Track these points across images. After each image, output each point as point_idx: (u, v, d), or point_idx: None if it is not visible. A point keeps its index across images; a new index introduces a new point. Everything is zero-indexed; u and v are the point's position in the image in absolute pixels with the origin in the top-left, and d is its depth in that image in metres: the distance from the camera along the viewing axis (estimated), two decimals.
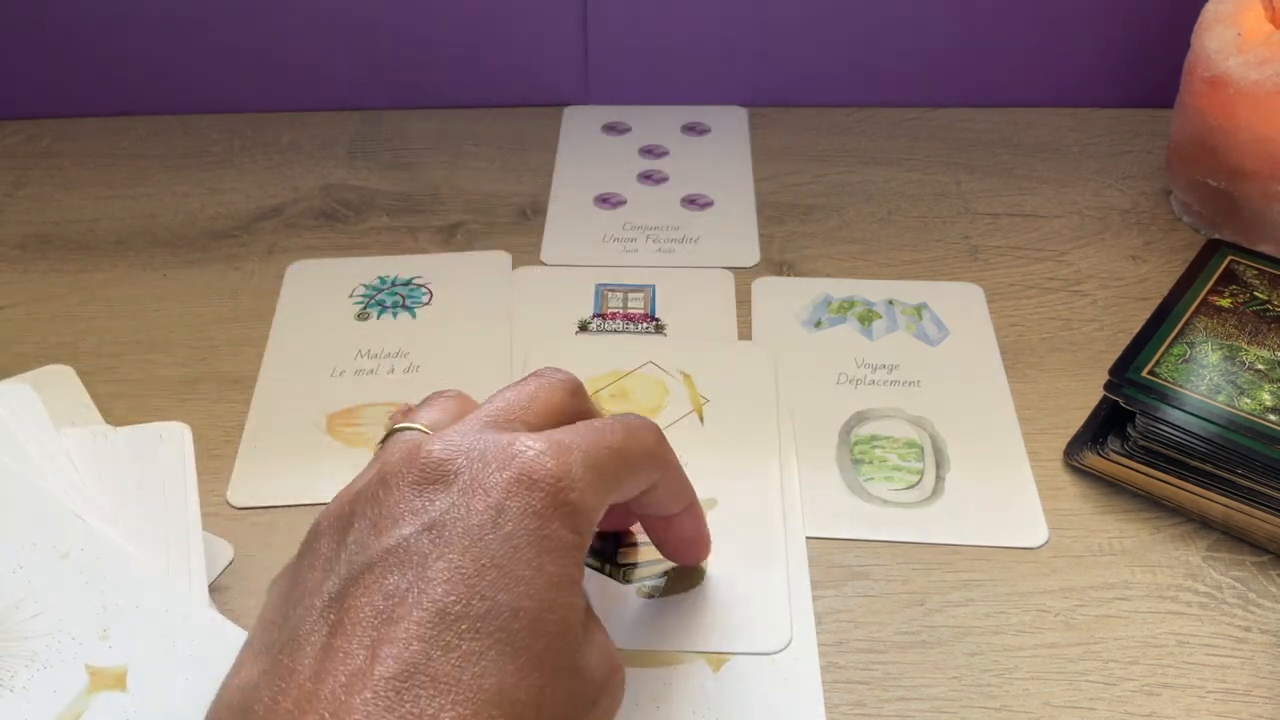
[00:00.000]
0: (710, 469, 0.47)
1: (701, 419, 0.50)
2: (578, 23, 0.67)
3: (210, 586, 0.42)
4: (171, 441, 0.45)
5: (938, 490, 0.47)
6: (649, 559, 0.44)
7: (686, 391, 0.51)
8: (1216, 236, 0.58)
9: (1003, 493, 0.47)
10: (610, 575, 0.43)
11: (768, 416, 0.50)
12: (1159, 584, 0.43)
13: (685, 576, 0.43)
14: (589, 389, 0.50)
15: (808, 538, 0.45)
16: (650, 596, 0.43)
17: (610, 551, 0.44)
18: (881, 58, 0.68)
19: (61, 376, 0.51)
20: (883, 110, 0.70)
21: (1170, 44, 0.60)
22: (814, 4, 0.66)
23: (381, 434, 0.49)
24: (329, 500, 0.38)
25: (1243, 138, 0.54)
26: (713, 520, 0.45)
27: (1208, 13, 0.57)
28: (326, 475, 0.47)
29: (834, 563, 0.44)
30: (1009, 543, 0.45)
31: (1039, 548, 0.45)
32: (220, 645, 0.39)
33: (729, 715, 0.39)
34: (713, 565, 0.44)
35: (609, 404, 0.50)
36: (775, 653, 0.41)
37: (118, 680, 0.38)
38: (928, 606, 0.43)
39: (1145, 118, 0.69)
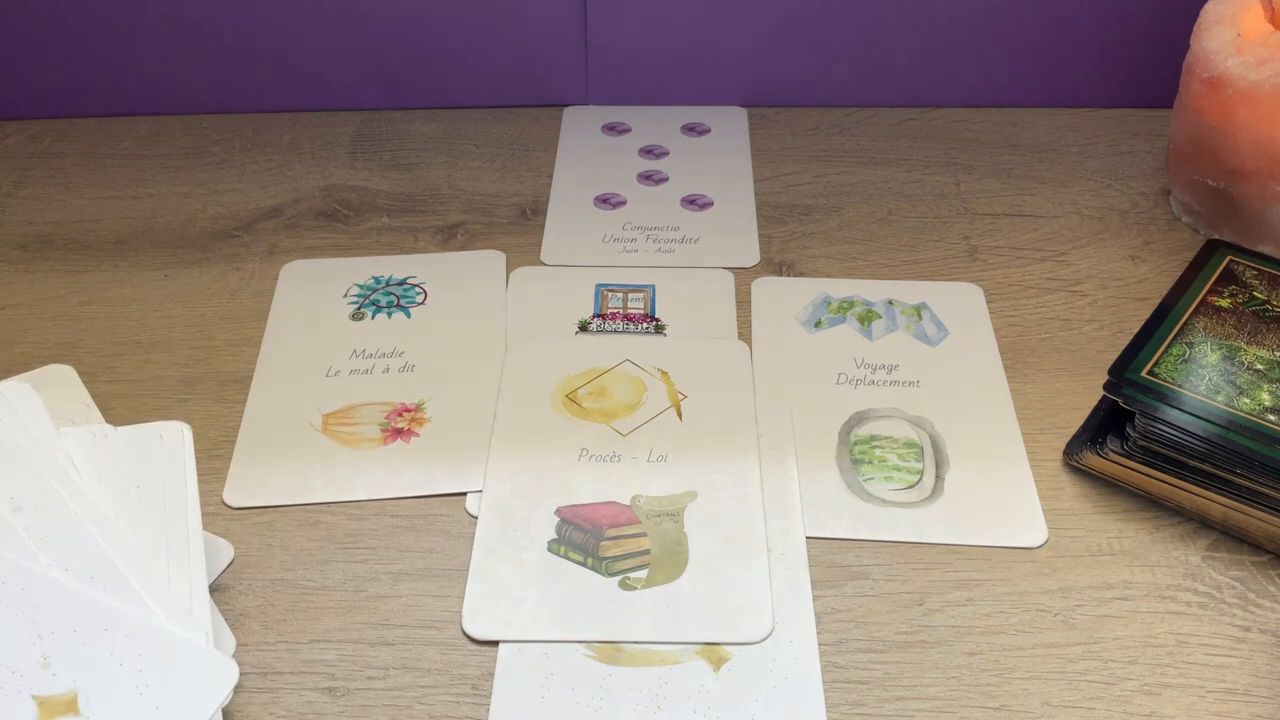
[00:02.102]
0: (690, 463, 0.48)
1: (680, 415, 0.50)
2: (578, 23, 0.67)
3: (211, 586, 0.42)
4: (172, 441, 0.45)
5: (937, 490, 0.47)
6: (630, 551, 0.44)
7: (664, 388, 0.51)
8: (1216, 237, 0.58)
9: (1002, 493, 0.47)
10: (593, 569, 0.44)
11: (745, 410, 0.50)
12: (1158, 584, 0.43)
13: (667, 568, 0.43)
14: (568, 387, 0.51)
15: (808, 538, 0.45)
16: (633, 589, 0.43)
17: (592, 545, 0.44)
18: (881, 58, 0.68)
19: (62, 376, 0.51)
20: (883, 110, 0.70)
21: (1170, 44, 0.60)
22: (813, 4, 0.66)
23: (376, 434, 0.49)
24: (325, 500, 0.38)
25: (1241, 138, 0.54)
26: (693, 513, 0.46)
27: (1207, 13, 0.57)
28: (321, 475, 0.47)
29: (834, 563, 0.44)
30: (1008, 542, 0.45)
31: (1038, 548, 0.45)
32: (170, 652, 0.38)
33: (729, 715, 0.39)
34: (694, 557, 0.44)
35: (588, 401, 0.51)
36: (757, 642, 0.41)
37: (69, 706, 0.38)
38: (927, 606, 0.43)
39: (1145, 118, 0.69)
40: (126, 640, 0.39)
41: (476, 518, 0.46)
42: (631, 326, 0.55)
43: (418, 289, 0.57)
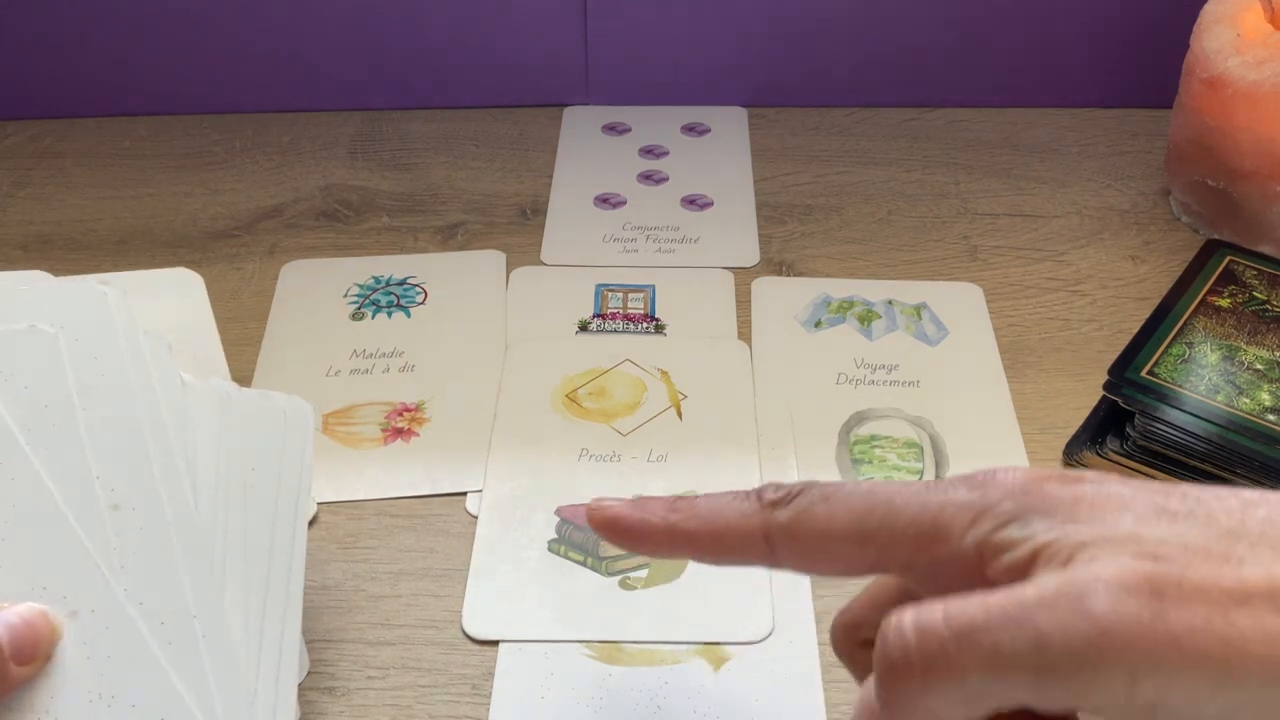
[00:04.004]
0: (690, 463, 0.48)
1: (680, 415, 0.50)
2: (578, 23, 0.67)
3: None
4: (295, 421, 0.39)
5: None
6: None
7: (664, 388, 0.51)
8: (1215, 237, 0.58)
9: None
10: (593, 569, 0.44)
11: (745, 410, 0.50)
12: None
13: (668, 568, 0.43)
14: (568, 387, 0.51)
15: None
16: (632, 588, 0.43)
17: (592, 545, 0.44)
18: (881, 58, 0.68)
19: (186, 284, 0.44)
20: (883, 110, 0.70)
21: (1170, 44, 0.60)
22: (814, 5, 0.66)
23: (376, 434, 0.49)
24: (325, 500, 0.37)
25: (1241, 138, 0.54)
26: None
27: (1207, 13, 0.57)
28: (322, 475, 0.47)
29: None
30: None
31: None
32: None
33: (729, 715, 0.39)
34: None
35: (588, 401, 0.51)
36: (758, 642, 0.41)
37: None
38: None
39: (1145, 118, 0.69)
40: None
41: (476, 518, 0.46)
42: (631, 326, 0.55)
43: (418, 289, 0.57)
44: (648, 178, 0.65)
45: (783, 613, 0.42)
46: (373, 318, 0.55)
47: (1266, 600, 0.23)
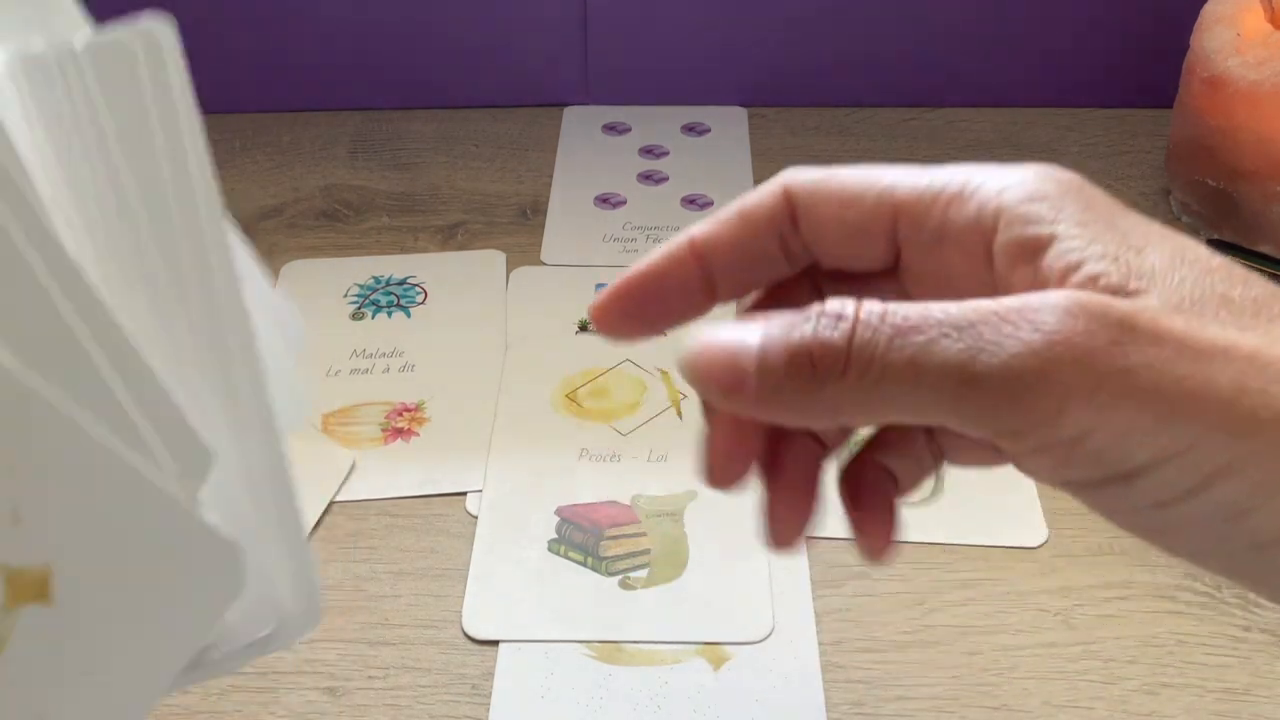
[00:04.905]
0: (690, 463, 0.47)
1: (680, 414, 0.50)
2: (578, 23, 0.67)
3: None
4: (153, 59, 0.22)
5: (937, 490, 0.47)
6: (630, 551, 0.44)
7: (664, 388, 0.51)
8: (1216, 237, 0.58)
9: (1002, 492, 0.47)
10: (593, 569, 0.44)
11: None
12: (1158, 583, 0.43)
13: (667, 568, 0.43)
14: (568, 387, 0.51)
15: (808, 537, 0.45)
16: (632, 588, 0.43)
17: (592, 545, 0.44)
18: (881, 58, 0.68)
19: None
20: (883, 110, 0.70)
21: (1170, 44, 0.60)
22: (813, 4, 0.66)
23: (376, 433, 0.49)
24: (324, 502, 0.36)
25: (1241, 138, 0.54)
26: (693, 512, 0.46)
27: (1207, 13, 0.57)
28: (322, 476, 0.47)
29: (834, 562, 0.44)
30: (1008, 542, 0.45)
31: (1038, 547, 0.45)
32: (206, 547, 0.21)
33: (729, 715, 0.39)
34: (694, 557, 0.44)
35: (588, 401, 0.51)
36: (758, 642, 0.41)
37: (38, 587, 0.22)
38: (927, 606, 0.43)
39: (1145, 118, 0.69)
40: (141, 500, 0.21)
41: (476, 518, 0.46)
42: None
43: (418, 289, 0.57)
44: (648, 178, 0.65)
45: (783, 613, 0.42)
46: (373, 318, 0.55)
47: (1248, 360, 0.21)
